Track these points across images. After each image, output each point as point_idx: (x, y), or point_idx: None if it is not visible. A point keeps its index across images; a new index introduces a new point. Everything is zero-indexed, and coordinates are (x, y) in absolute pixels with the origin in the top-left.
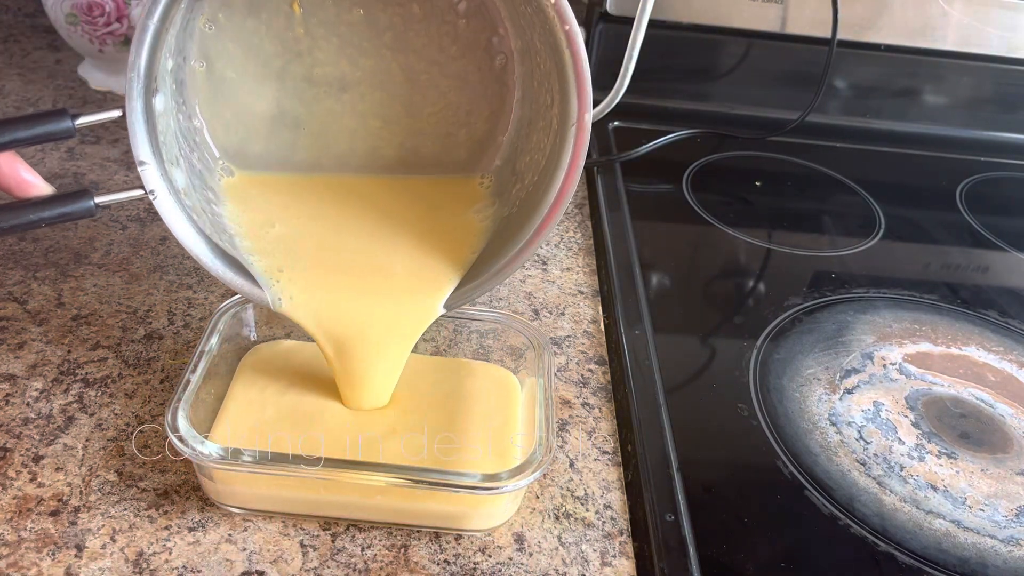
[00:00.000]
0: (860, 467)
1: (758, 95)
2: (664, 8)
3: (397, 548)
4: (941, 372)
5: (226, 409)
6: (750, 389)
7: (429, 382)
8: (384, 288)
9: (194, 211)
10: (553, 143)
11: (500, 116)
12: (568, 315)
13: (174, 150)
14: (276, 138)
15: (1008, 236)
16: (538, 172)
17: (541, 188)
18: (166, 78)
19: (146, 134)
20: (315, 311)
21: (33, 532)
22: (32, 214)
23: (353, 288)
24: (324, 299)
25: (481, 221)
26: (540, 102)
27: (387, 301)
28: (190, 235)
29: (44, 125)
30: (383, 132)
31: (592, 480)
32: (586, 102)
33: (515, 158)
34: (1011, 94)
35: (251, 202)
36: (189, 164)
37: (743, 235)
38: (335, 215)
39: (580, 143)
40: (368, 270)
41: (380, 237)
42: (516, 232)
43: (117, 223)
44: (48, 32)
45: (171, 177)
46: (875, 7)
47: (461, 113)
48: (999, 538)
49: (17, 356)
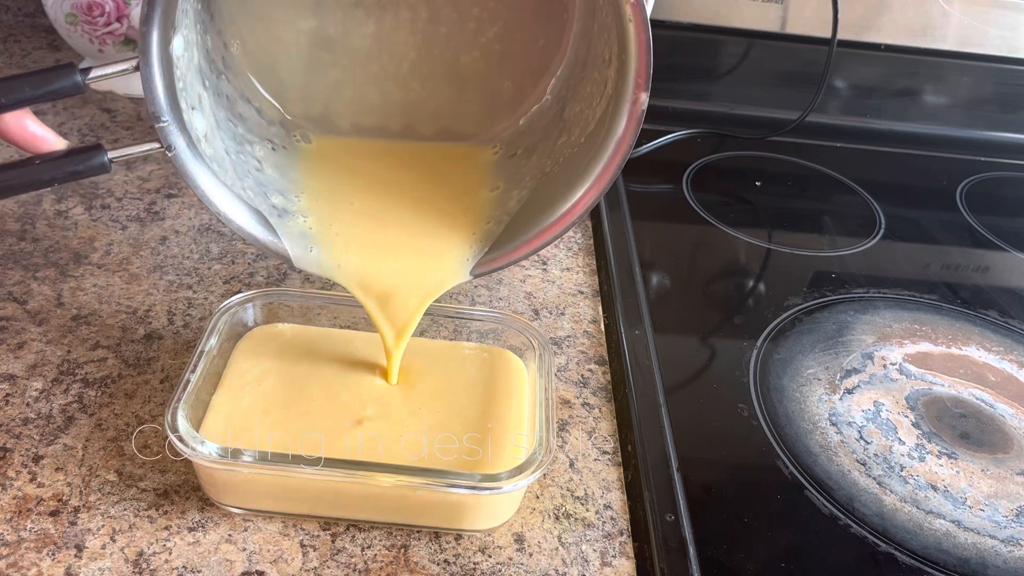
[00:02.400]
0: (860, 467)
1: (758, 95)
2: (664, 8)
3: (397, 548)
4: (941, 372)
5: (223, 386)
6: (750, 389)
7: (435, 367)
8: (412, 250)
9: (215, 159)
10: (605, 109)
11: (555, 51)
12: (568, 315)
13: (196, 88)
14: (316, 73)
15: (1008, 236)
16: (586, 132)
17: (585, 157)
18: (187, 10)
19: (162, 88)
20: (354, 272)
21: (33, 532)
22: (43, 173)
23: (384, 250)
24: (362, 261)
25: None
26: (597, 51)
27: (416, 262)
28: (210, 190)
29: (52, 84)
30: (425, 67)
31: (592, 480)
32: (646, 81)
33: (564, 102)
34: (1011, 94)
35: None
36: (215, 96)
37: (743, 235)
38: (372, 180)
39: (632, 124)
40: (399, 234)
41: (413, 201)
42: (554, 200)
43: (117, 223)
44: (48, 32)
45: (191, 125)
46: (875, 7)
47: (513, 41)
48: (999, 538)
49: (17, 356)
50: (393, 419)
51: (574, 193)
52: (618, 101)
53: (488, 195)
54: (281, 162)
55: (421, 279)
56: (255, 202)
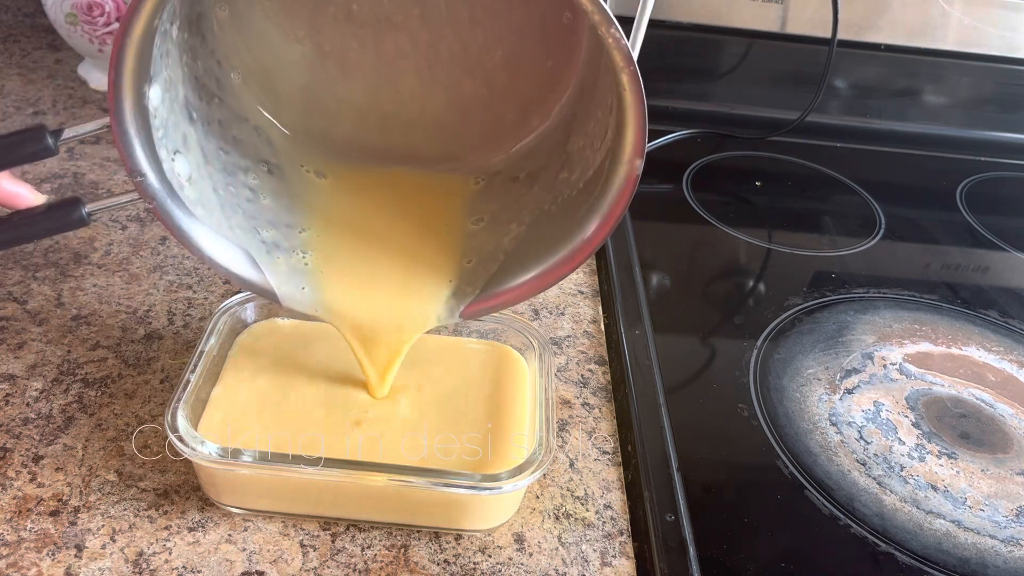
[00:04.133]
0: (860, 467)
1: (758, 95)
2: (664, 8)
3: (397, 548)
4: (941, 372)
5: (222, 381)
6: (750, 389)
7: (434, 366)
8: (395, 290)
9: (200, 202)
10: (602, 163)
11: (563, 71)
12: (568, 315)
13: (180, 128)
14: (315, 92)
15: (1008, 236)
16: (584, 178)
17: (581, 207)
18: (168, 51)
19: (138, 143)
20: (339, 312)
21: (33, 532)
22: (20, 230)
23: (369, 290)
24: (346, 301)
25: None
26: (602, 90)
27: (395, 302)
28: (193, 236)
29: (24, 149)
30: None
31: (592, 480)
32: (642, 149)
33: (569, 131)
34: (1011, 94)
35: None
36: (206, 126)
37: (743, 235)
38: (364, 213)
39: (629, 186)
40: (387, 272)
41: (402, 240)
42: (549, 247)
43: (117, 223)
44: (48, 32)
45: (173, 172)
46: (875, 7)
47: (519, 62)
48: (999, 538)
49: (17, 356)
50: (393, 418)
51: (570, 242)
52: (615, 164)
53: (471, 228)
54: (278, 187)
55: (401, 320)
56: (243, 240)
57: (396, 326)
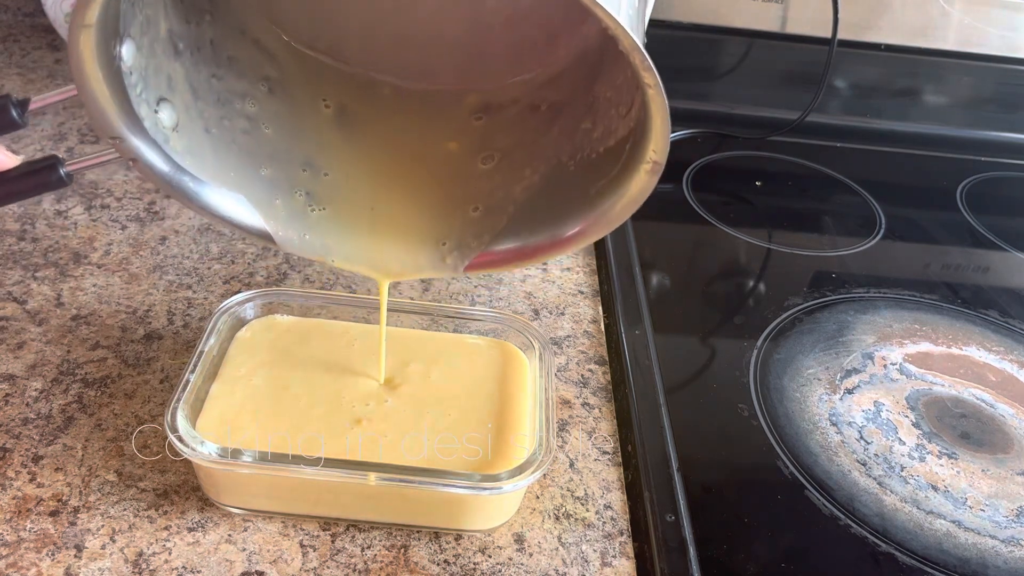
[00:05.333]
0: (860, 467)
1: (758, 95)
2: (664, 8)
3: (397, 548)
4: (941, 372)
5: (220, 378)
6: (750, 389)
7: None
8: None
9: (189, 150)
10: (624, 139)
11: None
12: (568, 315)
13: (164, 70)
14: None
15: (1008, 236)
16: (605, 144)
17: (601, 177)
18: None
19: (114, 105)
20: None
21: (33, 532)
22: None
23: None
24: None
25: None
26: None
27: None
28: (182, 188)
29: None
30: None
31: (592, 480)
32: (663, 149)
33: (597, 74)
34: (1011, 94)
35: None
36: (195, 53)
37: (743, 235)
38: (367, 148)
39: (650, 182)
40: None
41: (411, 174)
42: (565, 210)
43: (117, 223)
44: (48, 32)
45: (158, 126)
46: (875, 7)
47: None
48: (1000, 538)
49: (17, 356)
50: (393, 417)
51: (587, 213)
52: (637, 154)
53: (481, 168)
54: (280, 109)
55: (400, 269)
56: (238, 183)
57: (396, 273)
